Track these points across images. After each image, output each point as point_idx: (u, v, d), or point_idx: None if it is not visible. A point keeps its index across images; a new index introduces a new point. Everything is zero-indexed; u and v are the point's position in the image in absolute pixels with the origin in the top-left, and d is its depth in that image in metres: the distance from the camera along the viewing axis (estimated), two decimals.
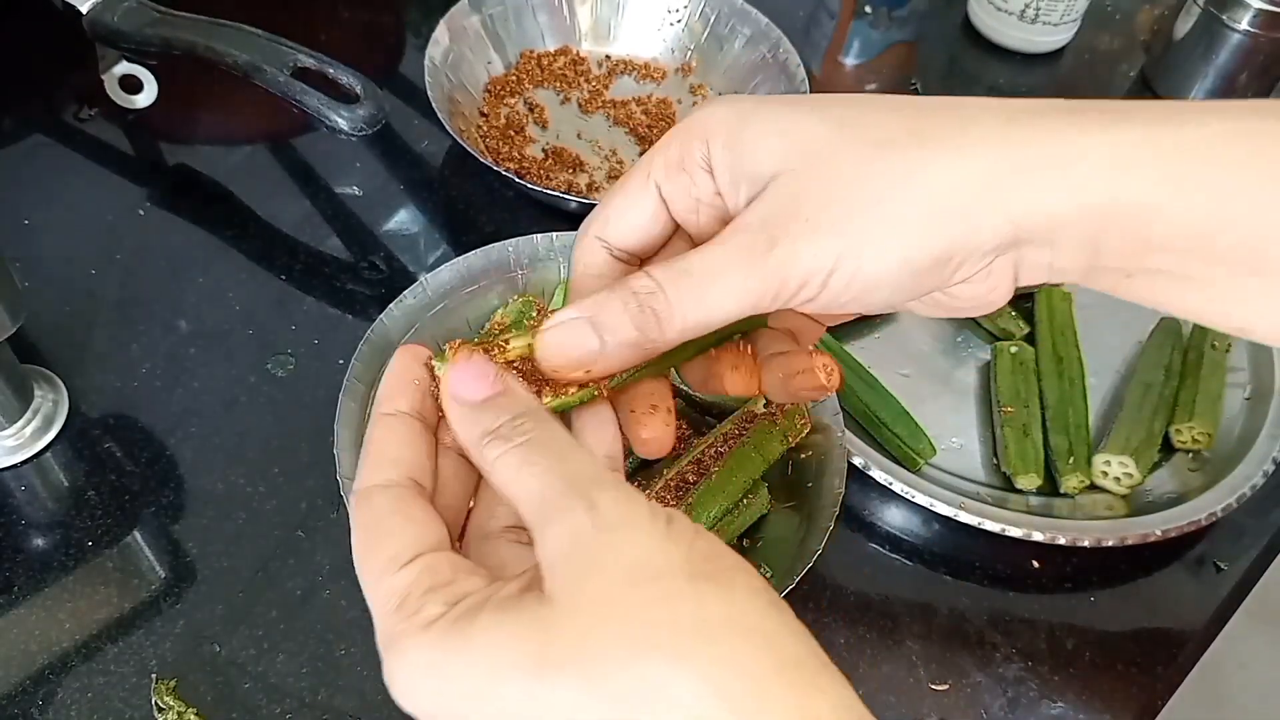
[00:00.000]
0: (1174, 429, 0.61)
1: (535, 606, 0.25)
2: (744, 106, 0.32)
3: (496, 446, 0.29)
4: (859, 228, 0.30)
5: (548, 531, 0.27)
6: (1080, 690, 0.52)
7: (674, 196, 0.34)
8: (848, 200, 0.30)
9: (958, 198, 0.30)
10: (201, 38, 0.61)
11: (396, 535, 0.28)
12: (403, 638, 0.26)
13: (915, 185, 0.30)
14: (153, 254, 0.64)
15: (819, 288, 0.31)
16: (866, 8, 0.89)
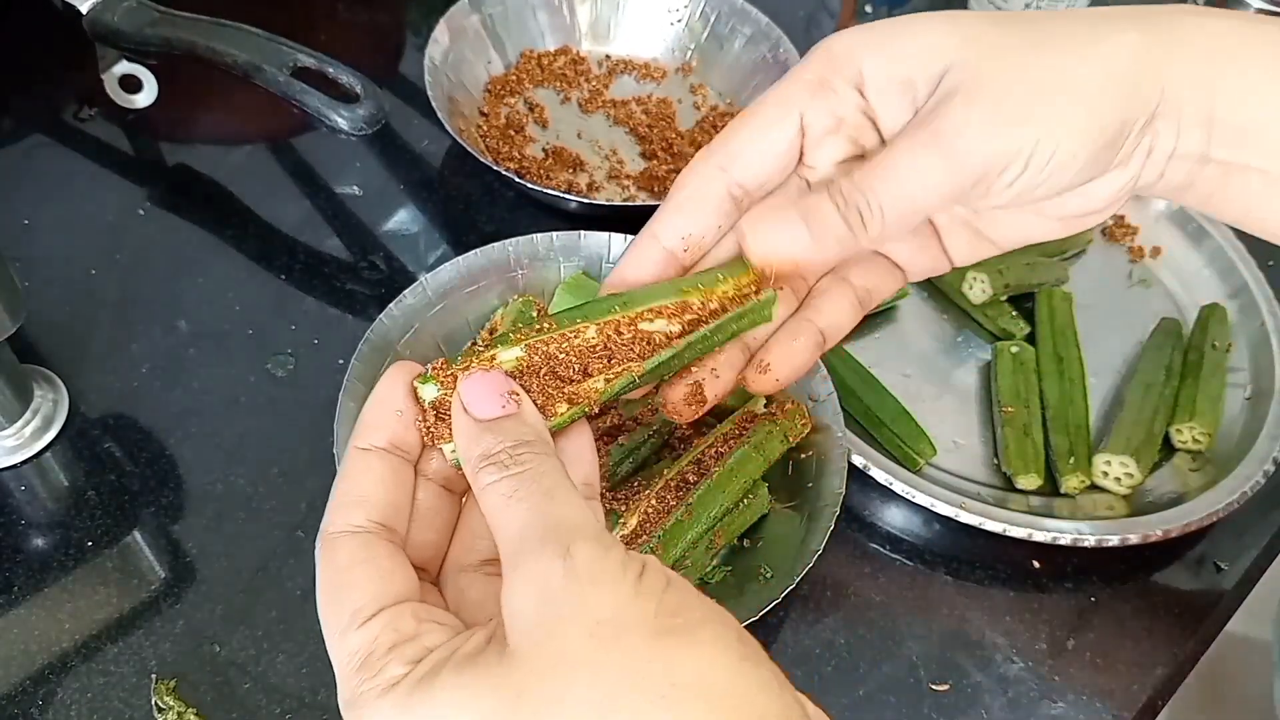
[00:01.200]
0: (1174, 429, 0.61)
1: (496, 664, 0.25)
2: (882, 25, 0.33)
3: (491, 473, 0.28)
4: (1047, 103, 0.31)
5: (516, 576, 0.26)
6: (1080, 690, 0.52)
7: (814, 121, 0.34)
8: (1029, 81, 0.31)
9: (1124, 66, 0.32)
10: (201, 37, 0.61)
11: (359, 588, 0.28)
12: (364, 700, 0.26)
13: (1088, 61, 0.31)
14: (153, 254, 0.64)
15: (1020, 171, 0.31)
16: (867, 7, 0.89)
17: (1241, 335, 0.66)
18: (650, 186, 0.71)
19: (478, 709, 0.24)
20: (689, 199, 0.34)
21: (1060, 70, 0.31)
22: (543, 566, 0.25)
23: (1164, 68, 0.32)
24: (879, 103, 0.33)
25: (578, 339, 0.31)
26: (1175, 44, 0.32)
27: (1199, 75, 0.32)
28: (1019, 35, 0.32)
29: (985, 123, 0.31)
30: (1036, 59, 0.32)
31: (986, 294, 0.65)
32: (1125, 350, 0.67)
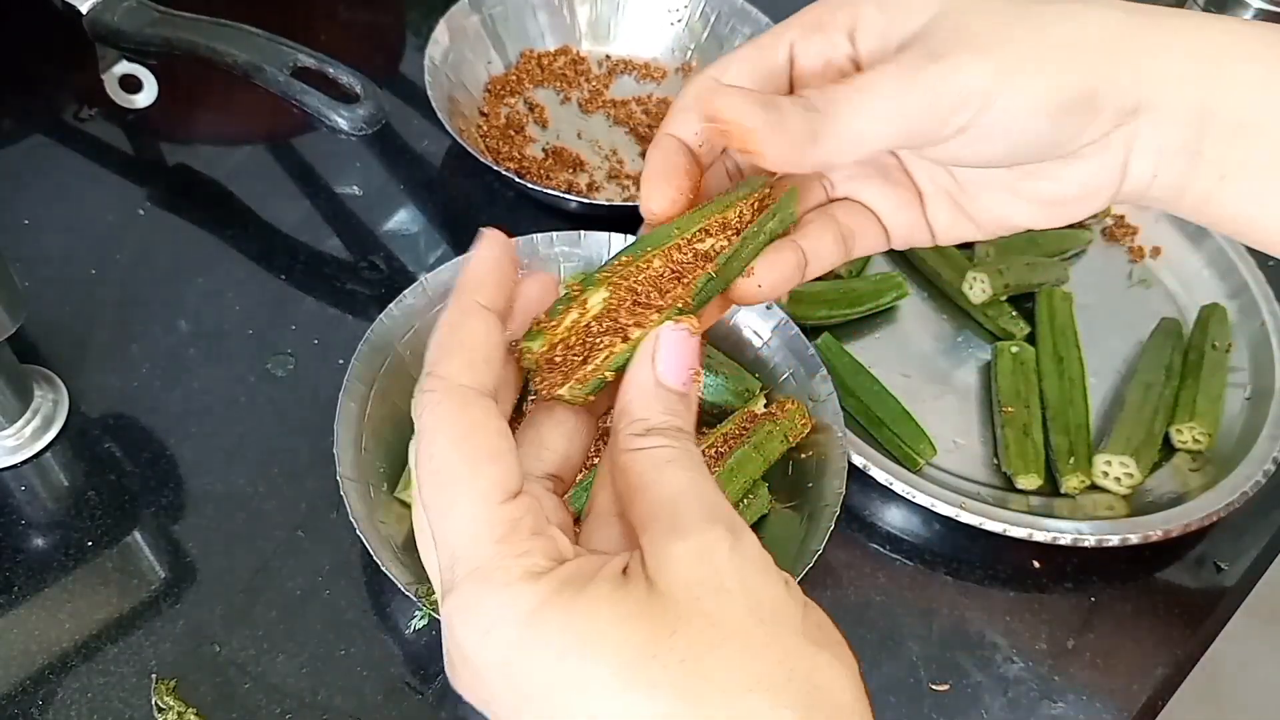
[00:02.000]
0: (1174, 429, 0.61)
1: (648, 595, 0.24)
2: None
3: (657, 439, 0.28)
4: (1014, 53, 0.31)
5: (683, 535, 0.25)
6: (1080, 690, 0.52)
7: (804, 54, 0.34)
8: (1003, 32, 0.31)
9: (1100, 37, 0.32)
10: (202, 37, 0.61)
11: (503, 459, 0.26)
12: (502, 576, 0.24)
13: (1064, 24, 0.32)
14: (153, 254, 0.64)
15: (974, 112, 0.31)
16: None
17: (1241, 335, 0.66)
18: None
19: (630, 631, 0.24)
20: (693, 103, 0.35)
21: (1033, 28, 0.32)
22: (711, 537, 0.25)
23: (1145, 56, 0.32)
24: (866, 53, 0.34)
25: (649, 268, 0.32)
26: (1161, 31, 0.32)
27: (1188, 70, 0.32)
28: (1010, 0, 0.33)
29: (953, 53, 0.31)
30: (1019, 19, 0.32)
31: (986, 294, 0.65)
32: (1125, 350, 0.67)
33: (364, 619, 0.50)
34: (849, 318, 0.65)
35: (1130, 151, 0.33)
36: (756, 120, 0.31)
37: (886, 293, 0.66)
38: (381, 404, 0.52)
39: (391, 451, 0.52)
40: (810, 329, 0.59)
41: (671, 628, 0.24)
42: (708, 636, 0.24)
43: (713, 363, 0.56)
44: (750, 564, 0.26)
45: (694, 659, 0.24)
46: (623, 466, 0.28)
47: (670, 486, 0.27)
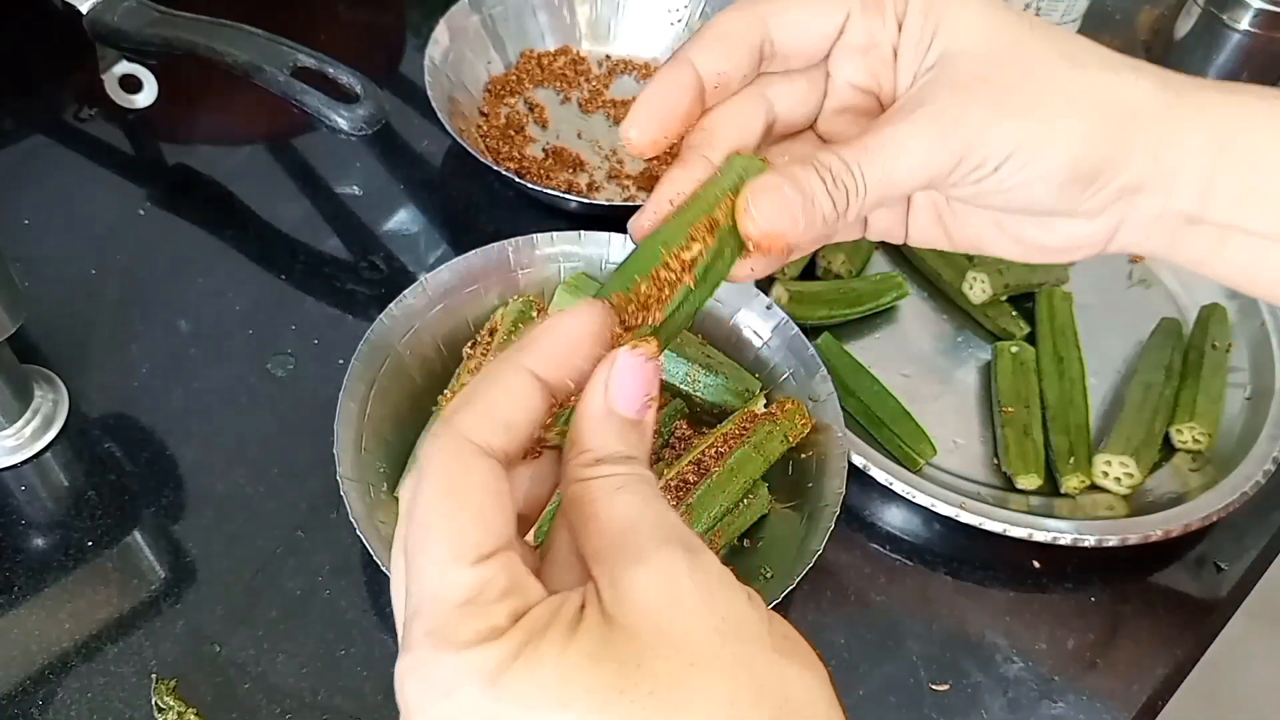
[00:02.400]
0: (1174, 429, 0.61)
1: (609, 632, 0.24)
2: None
3: (606, 468, 0.27)
4: (1041, 122, 0.32)
5: (635, 564, 0.25)
6: (1080, 690, 0.52)
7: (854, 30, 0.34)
8: (1037, 93, 0.32)
9: (1126, 112, 0.32)
10: (202, 37, 0.61)
11: (486, 521, 0.25)
12: (463, 639, 0.24)
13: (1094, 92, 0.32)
14: (153, 254, 0.64)
15: (993, 169, 0.32)
16: None
17: (1241, 335, 0.66)
18: (650, 186, 0.71)
19: (596, 673, 0.23)
20: (729, 35, 0.34)
21: (1064, 92, 0.32)
22: (669, 556, 0.25)
23: (1164, 140, 0.33)
24: (905, 45, 0.34)
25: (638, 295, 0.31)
26: (1186, 108, 0.33)
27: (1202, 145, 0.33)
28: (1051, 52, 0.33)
29: (983, 111, 0.32)
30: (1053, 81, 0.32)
31: (986, 294, 0.65)
32: (1125, 350, 0.67)
33: (364, 619, 0.50)
34: (849, 318, 0.65)
35: (1123, 220, 0.34)
36: (796, 231, 0.32)
37: (886, 293, 0.66)
38: (381, 404, 0.52)
39: (391, 451, 0.52)
40: (810, 329, 0.59)
41: (637, 660, 0.23)
42: (675, 663, 0.23)
43: (713, 363, 0.56)
44: (711, 581, 0.25)
45: (664, 688, 0.23)
46: (573, 498, 0.27)
47: (622, 513, 0.26)
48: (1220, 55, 0.81)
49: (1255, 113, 0.33)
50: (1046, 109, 0.32)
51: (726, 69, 0.34)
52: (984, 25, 0.33)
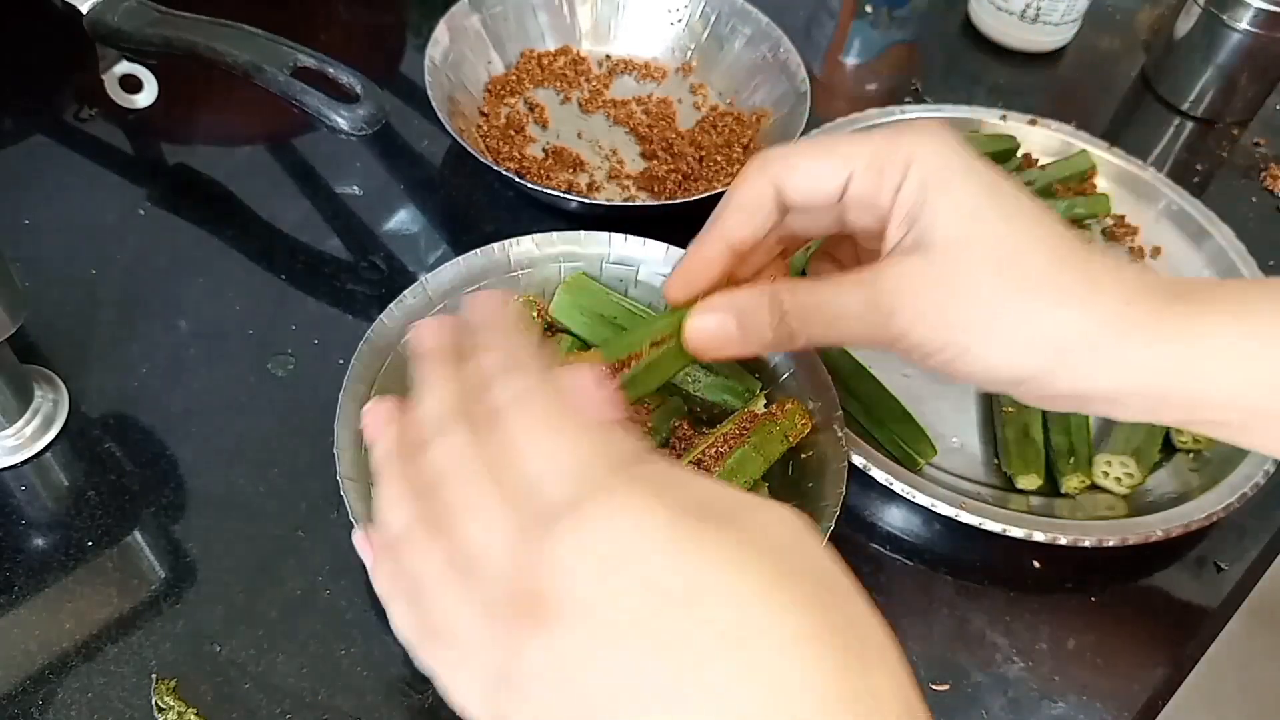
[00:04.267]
0: (1175, 429, 0.61)
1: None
2: (953, 162, 0.37)
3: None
4: (971, 338, 0.36)
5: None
6: (1081, 690, 0.52)
7: (856, 189, 0.39)
8: (970, 312, 0.36)
9: (1053, 350, 0.36)
10: (202, 37, 0.61)
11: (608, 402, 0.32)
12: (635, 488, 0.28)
13: (1026, 330, 0.36)
14: (153, 254, 0.64)
15: (918, 357, 0.38)
16: (867, 7, 0.89)
17: None
18: (650, 186, 0.71)
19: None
20: (747, 204, 0.40)
21: (1001, 323, 0.36)
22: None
23: (1112, 368, 0.36)
24: (893, 212, 0.38)
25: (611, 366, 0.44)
26: (1143, 332, 0.36)
27: (1153, 370, 0.36)
28: (1011, 256, 0.36)
29: (916, 318, 0.37)
30: (998, 301, 0.36)
31: None
32: None
33: (364, 619, 0.50)
34: None
35: (1081, 407, 0.40)
36: (729, 351, 0.41)
37: None
38: None
39: None
40: None
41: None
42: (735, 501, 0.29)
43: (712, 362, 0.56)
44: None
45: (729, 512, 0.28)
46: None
47: None
48: (1220, 55, 0.81)
49: (1220, 329, 0.36)
50: (976, 329, 0.36)
51: (750, 234, 0.41)
52: (959, 225, 0.36)
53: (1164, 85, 0.86)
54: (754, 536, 0.26)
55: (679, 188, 0.71)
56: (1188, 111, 0.85)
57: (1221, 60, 0.81)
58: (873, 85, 0.86)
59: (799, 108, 0.72)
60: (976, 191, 0.36)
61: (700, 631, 0.24)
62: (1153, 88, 0.87)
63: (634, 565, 0.25)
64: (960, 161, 0.37)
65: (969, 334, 0.36)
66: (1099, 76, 0.89)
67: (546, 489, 0.27)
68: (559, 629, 0.25)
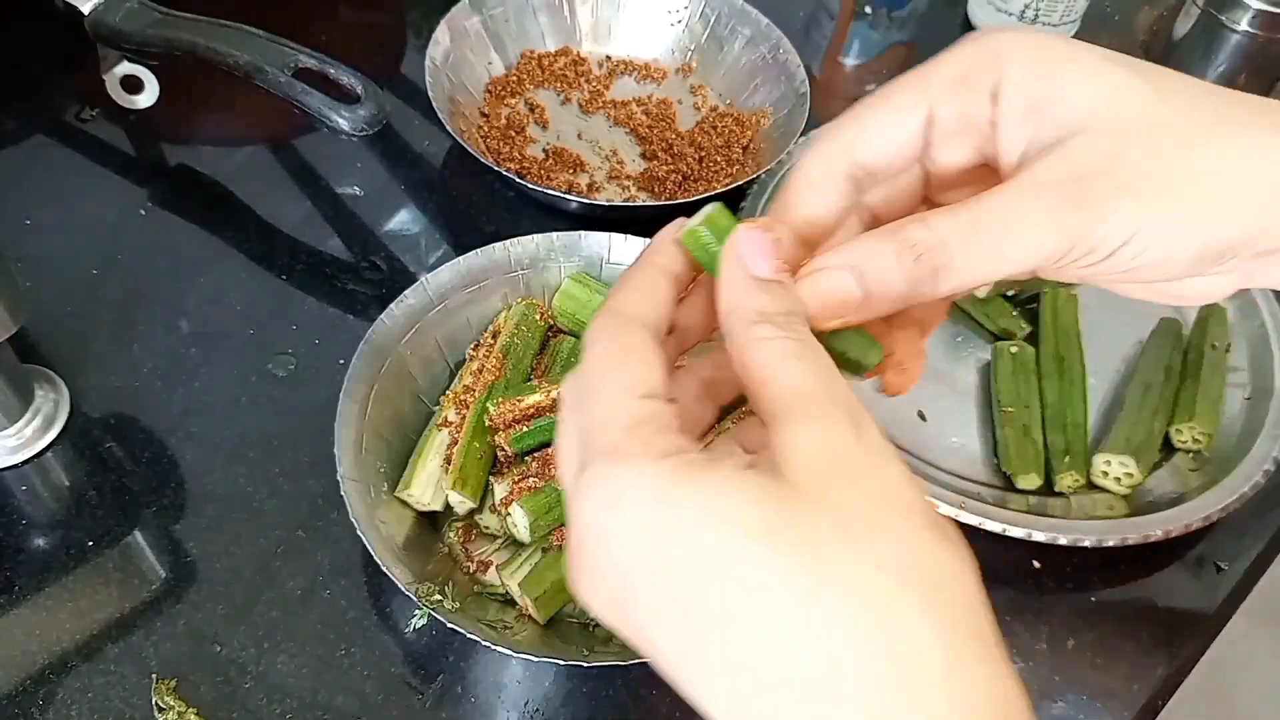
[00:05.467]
0: (1174, 429, 0.61)
1: (776, 483, 0.25)
2: (1054, 42, 0.31)
3: (768, 329, 0.28)
4: (1168, 203, 0.29)
5: (803, 428, 0.26)
6: (1080, 690, 0.52)
7: (944, 116, 0.32)
8: (1164, 172, 0.29)
9: (1265, 184, 0.30)
10: (203, 38, 0.62)
11: (649, 366, 0.28)
12: (629, 453, 0.26)
13: (1232, 168, 0.29)
14: (154, 254, 0.64)
15: (1106, 255, 0.30)
16: (866, 8, 0.89)
17: (1241, 335, 0.66)
18: (650, 187, 0.71)
19: (755, 511, 0.24)
20: (815, 180, 0.33)
21: (1196, 170, 0.29)
22: (835, 429, 0.26)
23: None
24: (1005, 122, 0.31)
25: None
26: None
27: None
28: (1180, 123, 0.30)
29: (1104, 198, 0.29)
30: (1177, 147, 0.29)
31: (987, 293, 0.65)
32: (1125, 350, 0.67)
33: (364, 619, 0.50)
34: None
35: (1258, 271, 0.32)
36: (851, 301, 0.30)
37: None
38: (382, 404, 0.52)
39: (392, 451, 0.52)
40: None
41: (795, 512, 0.24)
42: (833, 523, 0.24)
43: None
44: (875, 450, 0.26)
45: (819, 542, 0.24)
46: (744, 362, 0.28)
47: (793, 379, 0.27)
48: (1219, 56, 0.81)
49: None
50: (1174, 190, 0.29)
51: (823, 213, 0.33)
52: (1100, 91, 0.30)
53: None
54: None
55: (679, 188, 0.71)
56: None
57: (1221, 61, 0.81)
58: (872, 86, 0.86)
59: (799, 108, 0.72)
60: (1098, 57, 0.30)
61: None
62: None
63: None
64: (1056, 39, 0.31)
65: (1177, 195, 0.29)
66: None
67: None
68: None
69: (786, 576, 0.24)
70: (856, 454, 0.26)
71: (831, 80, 0.86)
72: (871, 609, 0.23)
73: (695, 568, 0.24)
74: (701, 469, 0.25)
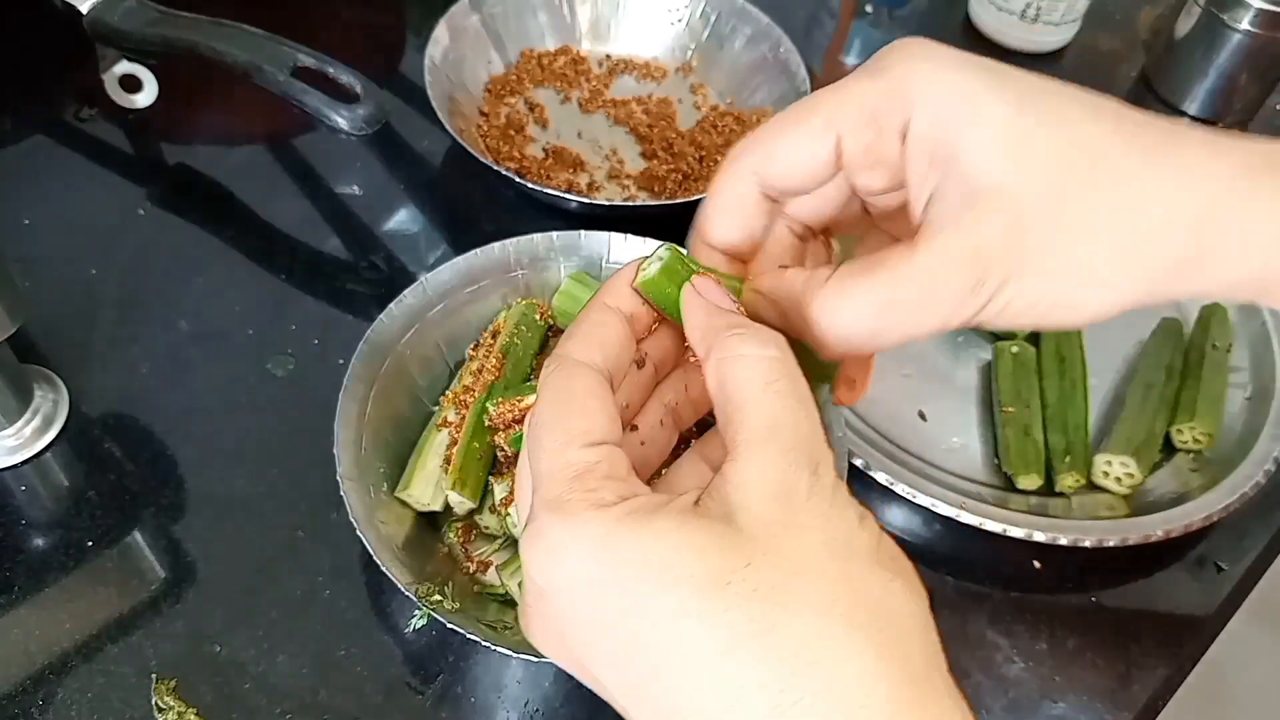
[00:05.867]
0: (1175, 429, 0.61)
1: (723, 529, 0.25)
2: (963, 86, 0.29)
3: (751, 345, 0.28)
4: (1069, 274, 0.29)
5: (764, 467, 0.26)
6: (1081, 690, 0.52)
7: (854, 150, 0.31)
8: (1062, 247, 0.28)
9: (1172, 252, 0.28)
10: (202, 37, 0.61)
11: (593, 415, 0.28)
12: (572, 507, 0.26)
13: (1133, 230, 0.28)
14: (153, 254, 0.64)
15: (1014, 318, 0.30)
16: (867, 7, 0.89)
17: (1242, 335, 0.66)
18: (650, 186, 0.71)
19: (701, 560, 0.25)
20: (727, 205, 0.34)
21: (1102, 226, 0.28)
22: (794, 470, 0.26)
23: (1216, 256, 0.29)
24: (913, 166, 0.31)
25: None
26: (1257, 204, 0.28)
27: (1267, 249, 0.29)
28: (1088, 181, 0.28)
29: (1007, 275, 0.29)
30: (1089, 221, 0.28)
31: None
32: (1126, 350, 0.67)
33: (364, 619, 0.50)
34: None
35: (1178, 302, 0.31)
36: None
37: None
38: (381, 404, 0.52)
39: (391, 451, 0.52)
40: None
41: (746, 560, 0.25)
42: (782, 570, 0.25)
43: None
44: (825, 504, 0.26)
45: (767, 588, 0.24)
46: (723, 381, 0.28)
47: (765, 412, 0.27)
48: (1220, 55, 0.81)
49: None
50: (1075, 263, 0.28)
51: (740, 238, 0.34)
52: (1005, 155, 0.28)
53: (1164, 85, 0.86)
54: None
55: (679, 187, 0.71)
56: (1188, 111, 0.85)
57: (1221, 60, 0.81)
58: None
59: None
60: (1009, 110, 0.28)
61: None
62: (1153, 88, 0.87)
63: None
64: (967, 77, 0.29)
65: (1074, 275, 0.29)
66: (1099, 76, 0.89)
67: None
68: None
69: (730, 629, 0.24)
70: (809, 501, 0.26)
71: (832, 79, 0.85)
72: (816, 657, 0.24)
73: (639, 620, 0.24)
74: (644, 518, 0.25)
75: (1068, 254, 0.28)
